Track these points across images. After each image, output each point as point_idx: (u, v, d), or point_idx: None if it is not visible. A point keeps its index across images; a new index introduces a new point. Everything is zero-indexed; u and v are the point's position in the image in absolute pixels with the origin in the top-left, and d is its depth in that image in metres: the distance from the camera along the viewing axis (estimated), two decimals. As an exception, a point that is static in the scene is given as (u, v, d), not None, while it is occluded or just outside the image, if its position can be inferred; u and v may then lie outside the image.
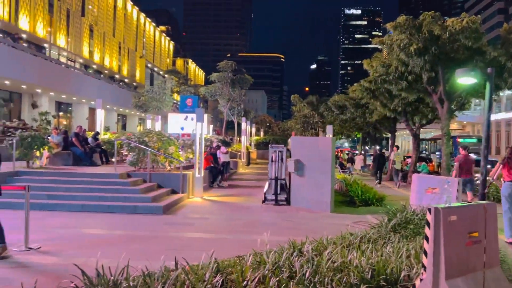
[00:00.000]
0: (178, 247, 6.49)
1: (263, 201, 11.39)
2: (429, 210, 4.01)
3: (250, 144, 34.60)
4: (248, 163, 28.91)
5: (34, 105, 28.17)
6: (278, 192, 11.41)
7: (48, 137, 13.46)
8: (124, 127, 41.09)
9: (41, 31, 29.86)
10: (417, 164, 19.86)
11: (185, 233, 7.53)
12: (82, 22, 35.41)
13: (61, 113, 34.20)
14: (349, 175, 17.95)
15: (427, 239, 4.03)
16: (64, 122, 33.15)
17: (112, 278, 4.06)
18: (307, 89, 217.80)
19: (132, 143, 11.70)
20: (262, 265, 4.95)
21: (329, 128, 19.86)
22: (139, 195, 9.98)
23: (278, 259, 5.14)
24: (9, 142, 11.33)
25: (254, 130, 39.87)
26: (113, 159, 12.87)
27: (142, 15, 50.20)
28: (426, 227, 4.06)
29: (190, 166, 13.08)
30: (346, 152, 40.19)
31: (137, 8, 48.42)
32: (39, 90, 27.05)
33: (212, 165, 14.94)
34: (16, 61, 22.47)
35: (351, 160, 25.98)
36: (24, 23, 28.05)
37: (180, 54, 77.09)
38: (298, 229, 8.04)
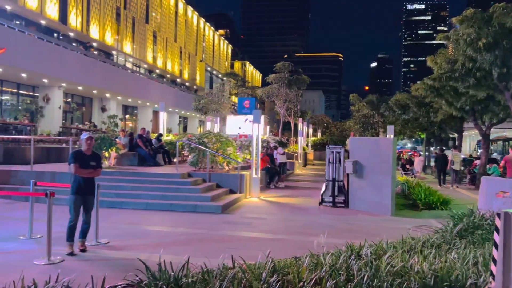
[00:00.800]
0: (236, 246, 6.62)
1: (320, 203, 11.27)
2: (498, 215, 3.77)
3: (307, 145, 34.36)
4: (305, 164, 28.72)
5: (103, 109, 30.05)
6: (336, 194, 11.24)
7: (116, 139, 14.33)
8: (185, 129, 42.58)
9: (109, 39, 31.81)
10: (487, 166, 18.61)
11: (243, 232, 7.66)
12: (146, 29, 37.22)
13: (127, 116, 36.22)
14: (412, 177, 17.26)
15: (496, 245, 3.79)
16: (130, 125, 35.05)
17: (173, 273, 4.24)
18: (367, 88, 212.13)
19: (192, 144, 12.11)
20: (319, 266, 4.91)
21: (390, 128, 19.19)
22: (199, 194, 10.30)
23: (335, 261, 5.08)
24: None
25: (311, 130, 39.52)
26: (175, 160, 13.41)
27: (202, 20, 51.72)
28: (495, 233, 3.82)
29: (248, 167, 13.27)
30: (408, 153, 38.58)
31: (197, 14, 49.96)
32: (107, 95, 28.82)
33: (268, 165, 15.03)
34: (88, 68, 24.13)
35: (409, 162, 24.90)
36: (94, 32, 30.06)
37: (237, 56, 78.45)
38: (356, 232, 7.87)
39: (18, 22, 24.16)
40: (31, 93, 24.68)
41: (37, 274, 4.92)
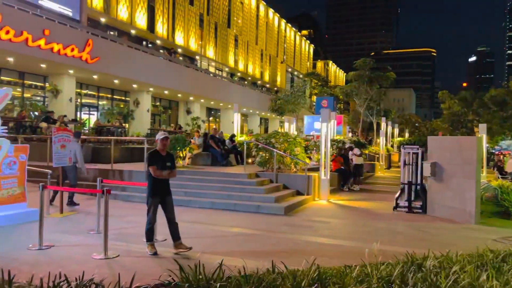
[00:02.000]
0: (289, 250, 6.36)
1: (395, 208, 10.47)
2: None
3: (392, 146, 32.52)
4: (389, 166, 27.18)
5: (188, 112, 31.54)
6: (412, 198, 10.36)
7: (191, 139, 14.84)
8: (266, 130, 43.01)
9: (193, 44, 33.34)
10: None
11: (301, 236, 7.35)
12: (228, 33, 38.35)
13: (211, 118, 37.61)
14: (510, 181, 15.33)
15: None
16: (214, 126, 36.31)
17: (206, 276, 4.13)
18: (465, 84, 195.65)
19: (260, 144, 12.05)
20: (371, 278, 4.47)
21: (482, 127, 17.24)
22: (263, 195, 10.18)
23: (390, 273, 4.59)
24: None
25: (396, 130, 37.34)
26: (248, 160, 13.48)
27: (283, 21, 51.86)
28: None
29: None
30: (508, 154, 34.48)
31: (278, 15, 50.19)
32: (191, 98, 30.18)
33: (342, 167, 14.42)
34: (173, 73, 25.50)
35: (496, 165, 22.14)
36: (179, 38, 31.71)
37: (320, 56, 77.30)
38: (428, 241, 7.11)
39: (112, 33, 26.36)
40: (123, 98, 26.77)
41: (89, 268, 5.16)
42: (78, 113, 24.01)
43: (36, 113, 18.68)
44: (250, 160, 14.32)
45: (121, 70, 21.31)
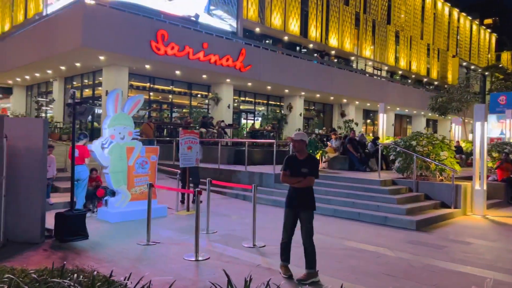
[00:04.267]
0: (399, 274, 5.28)
1: None
2: None
3: None
4: None
5: (342, 114, 30.79)
6: None
7: (327, 142, 14.23)
8: (435, 132, 38.80)
9: (348, 45, 32.35)
10: None
11: (424, 258, 6.06)
12: (387, 30, 35.96)
13: (368, 121, 35.90)
14: None
15: None
16: (373, 129, 34.56)
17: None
18: None
19: (398, 147, 10.69)
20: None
21: None
22: (393, 205, 8.91)
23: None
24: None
25: None
26: (389, 165, 12.19)
27: (455, 11, 46.02)
28: None
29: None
30: None
31: (449, 5, 44.77)
32: (344, 100, 29.34)
33: (511, 175, 11.72)
34: (324, 76, 25.21)
35: None
36: (333, 40, 31.17)
37: (507, 46, 65.78)
38: None
39: (267, 41, 27.61)
40: (278, 103, 27.71)
41: (176, 269, 5.21)
42: (240, 119, 25.87)
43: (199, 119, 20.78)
44: (386, 165, 12.97)
45: (273, 76, 22.04)
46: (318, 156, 13.00)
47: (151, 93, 21.37)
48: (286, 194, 5.21)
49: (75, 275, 3.59)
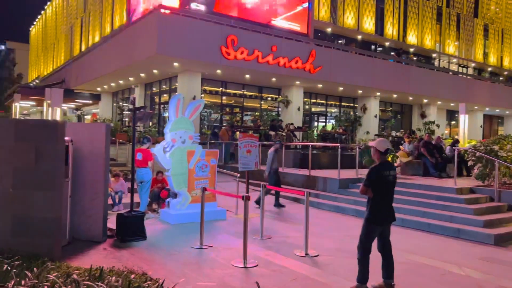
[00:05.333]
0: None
1: None
2: None
3: None
4: None
5: (422, 115, 28.95)
6: None
7: (400, 146, 13.38)
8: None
9: (428, 41, 30.27)
10: None
11: (497, 279, 5.35)
12: (474, 24, 33.06)
13: (452, 122, 33.29)
14: None
15: None
16: (458, 132, 31.97)
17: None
18: None
19: (477, 152, 9.68)
20: None
21: None
22: (469, 216, 8.04)
23: None
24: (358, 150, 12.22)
25: None
26: (469, 171, 11.10)
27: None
28: None
29: None
30: None
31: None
32: (425, 100, 27.55)
33: None
34: (401, 75, 23.90)
35: None
36: (411, 37, 29.36)
37: None
38: None
39: (340, 41, 26.86)
40: (351, 104, 26.84)
41: (221, 275, 5.17)
42: (311, 121, 25.49)
43: (269, 122, 20.81)
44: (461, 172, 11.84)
45: (344, 76, 21.38)
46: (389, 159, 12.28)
47: (223, 97, 21.89)
48: (371, 207, 4.92)
49: (113, 277, 3.68)
